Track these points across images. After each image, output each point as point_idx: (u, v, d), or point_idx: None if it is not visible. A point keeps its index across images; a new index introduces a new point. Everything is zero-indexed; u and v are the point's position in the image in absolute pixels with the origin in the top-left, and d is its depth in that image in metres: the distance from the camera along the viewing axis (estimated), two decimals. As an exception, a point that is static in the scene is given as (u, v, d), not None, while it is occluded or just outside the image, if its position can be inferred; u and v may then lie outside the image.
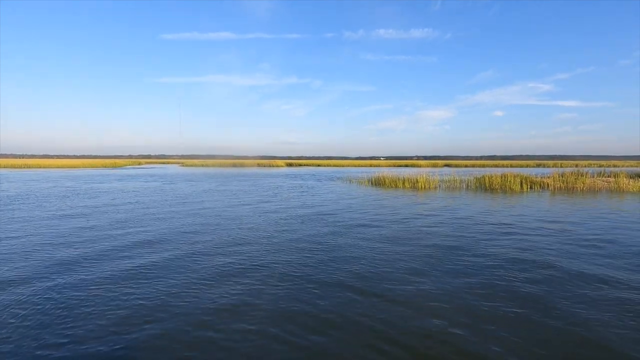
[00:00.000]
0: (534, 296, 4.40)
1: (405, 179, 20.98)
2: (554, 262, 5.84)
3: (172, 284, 4.82)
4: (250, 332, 3.53)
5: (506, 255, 6.26)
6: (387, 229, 8.55)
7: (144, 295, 4.40)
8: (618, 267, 5.53)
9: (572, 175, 20.31)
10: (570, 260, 5.96)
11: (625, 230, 8.47)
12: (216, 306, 4.12)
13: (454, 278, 5.06)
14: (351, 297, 4.38)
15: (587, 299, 4.32)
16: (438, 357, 3.12)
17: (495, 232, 8.25)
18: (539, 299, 4.30)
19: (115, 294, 4.44)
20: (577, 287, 4.69)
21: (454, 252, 6.49)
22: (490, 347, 3.23)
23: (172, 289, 4.64)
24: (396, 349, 3.23)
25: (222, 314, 3.93)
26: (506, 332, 3.51)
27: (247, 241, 7.33)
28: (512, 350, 3.19)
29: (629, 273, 5.26)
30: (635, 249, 6.73)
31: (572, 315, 3.88)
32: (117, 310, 3.99)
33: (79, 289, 4.62)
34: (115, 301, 4.23)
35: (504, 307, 4.07)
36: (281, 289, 4.66)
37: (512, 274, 5.23)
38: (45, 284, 4.74)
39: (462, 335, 3.45)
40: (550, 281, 4.93)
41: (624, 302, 4.23)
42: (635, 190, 18.13)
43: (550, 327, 3.64)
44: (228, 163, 66.35)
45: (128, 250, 6.55)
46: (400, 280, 4.98)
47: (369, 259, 6.02)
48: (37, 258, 5.95)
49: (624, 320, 3.75)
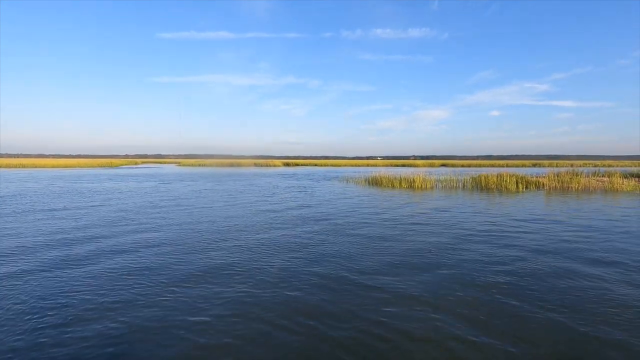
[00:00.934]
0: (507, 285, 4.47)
1: (402, 179, 21.03)
2: (528, 257, 6.13)
3: (142, 285, 4.79)
4: (253, 320, 3.51)
5: (493, 253, 6.31)
6: (378, 227, 8.56)
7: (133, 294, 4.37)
8: (584, 262, 5.62)
9: (567, 175, 20.46)
10: (540, 255, 6.24)
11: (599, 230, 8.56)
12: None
13: (429, 273, 5.10)
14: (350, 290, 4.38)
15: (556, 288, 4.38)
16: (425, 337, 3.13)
17: (479, 230, 8.29)
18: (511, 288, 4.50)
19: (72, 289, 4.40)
20: (547, 279, 4.79)
21: (437, 249, 6.53)
22: (464, 329, 3.26)
23: (141, 292, 4.61)
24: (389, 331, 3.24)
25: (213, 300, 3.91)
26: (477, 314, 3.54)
27: (238, 243, 7.30)
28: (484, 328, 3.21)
29: (590, 267, 5.37)
30: (603, 245, 6.98)
31: (541, 300, 3.95)
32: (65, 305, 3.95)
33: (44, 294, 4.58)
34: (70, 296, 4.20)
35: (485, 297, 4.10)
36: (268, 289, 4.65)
37: (491, 269, 5.28)
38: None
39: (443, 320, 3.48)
40: (522, 273, 5.06)
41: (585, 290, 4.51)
42: (629, 189, 18.29)
43: (517, 309, 3.76)
44: (225, 163, 66.21)
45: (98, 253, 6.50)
46: (382, 273, 5.01)
47: (356, 257, 6.03)
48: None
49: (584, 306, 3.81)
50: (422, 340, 3.43)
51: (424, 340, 3.43)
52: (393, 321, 3.79)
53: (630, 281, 4.99)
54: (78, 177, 28.26)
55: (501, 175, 19.95)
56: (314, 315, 3.93)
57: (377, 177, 22.34)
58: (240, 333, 3.55)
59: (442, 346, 3.33)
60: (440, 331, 3.59)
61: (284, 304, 4.22)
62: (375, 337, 3.47)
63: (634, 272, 5.39)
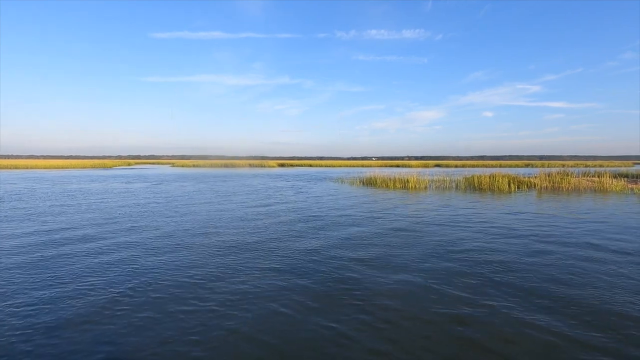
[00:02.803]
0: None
1: (397, 179, 21.20)
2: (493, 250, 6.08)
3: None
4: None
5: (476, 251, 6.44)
6: (373, 226, 8.66)
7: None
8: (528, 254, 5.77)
9: (558, 175, 20.81)
10: (501, 251, 6.31)
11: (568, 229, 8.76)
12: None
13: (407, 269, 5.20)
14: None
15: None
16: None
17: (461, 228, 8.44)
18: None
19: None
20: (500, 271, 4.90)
21: (419, 245, 6.64)
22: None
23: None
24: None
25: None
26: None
27: (234, 245, 7.34)
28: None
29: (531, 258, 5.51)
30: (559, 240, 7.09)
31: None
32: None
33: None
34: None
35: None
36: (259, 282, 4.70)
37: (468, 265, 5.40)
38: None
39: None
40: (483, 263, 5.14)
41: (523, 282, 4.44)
42: (617, 189, 18.64)
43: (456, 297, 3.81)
44: (220, 163, 65.95)
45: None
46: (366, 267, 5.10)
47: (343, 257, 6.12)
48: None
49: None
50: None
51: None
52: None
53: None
54: (64, 178, 27.95)
55: (494, 176, 20.22)
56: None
57: (372, 178, 22.50)
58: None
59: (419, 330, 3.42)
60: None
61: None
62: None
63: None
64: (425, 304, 4.27)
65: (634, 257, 6.24)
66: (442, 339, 3.48)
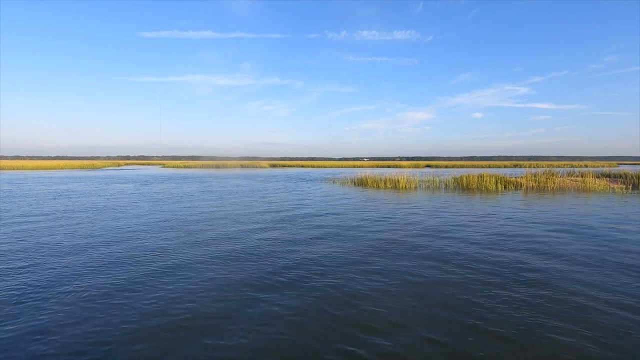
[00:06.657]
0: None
1: (387, 180, 21.51)
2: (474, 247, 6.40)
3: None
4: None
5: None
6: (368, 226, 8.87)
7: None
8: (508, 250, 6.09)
9: (544, 175, 21.40)
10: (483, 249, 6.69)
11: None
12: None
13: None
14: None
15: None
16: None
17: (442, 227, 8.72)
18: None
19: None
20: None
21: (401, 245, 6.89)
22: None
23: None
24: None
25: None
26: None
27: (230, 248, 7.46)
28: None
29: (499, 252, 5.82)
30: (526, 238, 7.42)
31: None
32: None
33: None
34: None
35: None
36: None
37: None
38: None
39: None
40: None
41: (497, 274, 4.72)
42: (600, 189, 19.27)
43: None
44: (210, 164, 65.49)
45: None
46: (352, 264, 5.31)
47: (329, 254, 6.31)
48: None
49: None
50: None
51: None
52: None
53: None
54: (47, 179, 27.49)
55: (482, 176, 20.69)
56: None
57: (363, 178, 22.79)
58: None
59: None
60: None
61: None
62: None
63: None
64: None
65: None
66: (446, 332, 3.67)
